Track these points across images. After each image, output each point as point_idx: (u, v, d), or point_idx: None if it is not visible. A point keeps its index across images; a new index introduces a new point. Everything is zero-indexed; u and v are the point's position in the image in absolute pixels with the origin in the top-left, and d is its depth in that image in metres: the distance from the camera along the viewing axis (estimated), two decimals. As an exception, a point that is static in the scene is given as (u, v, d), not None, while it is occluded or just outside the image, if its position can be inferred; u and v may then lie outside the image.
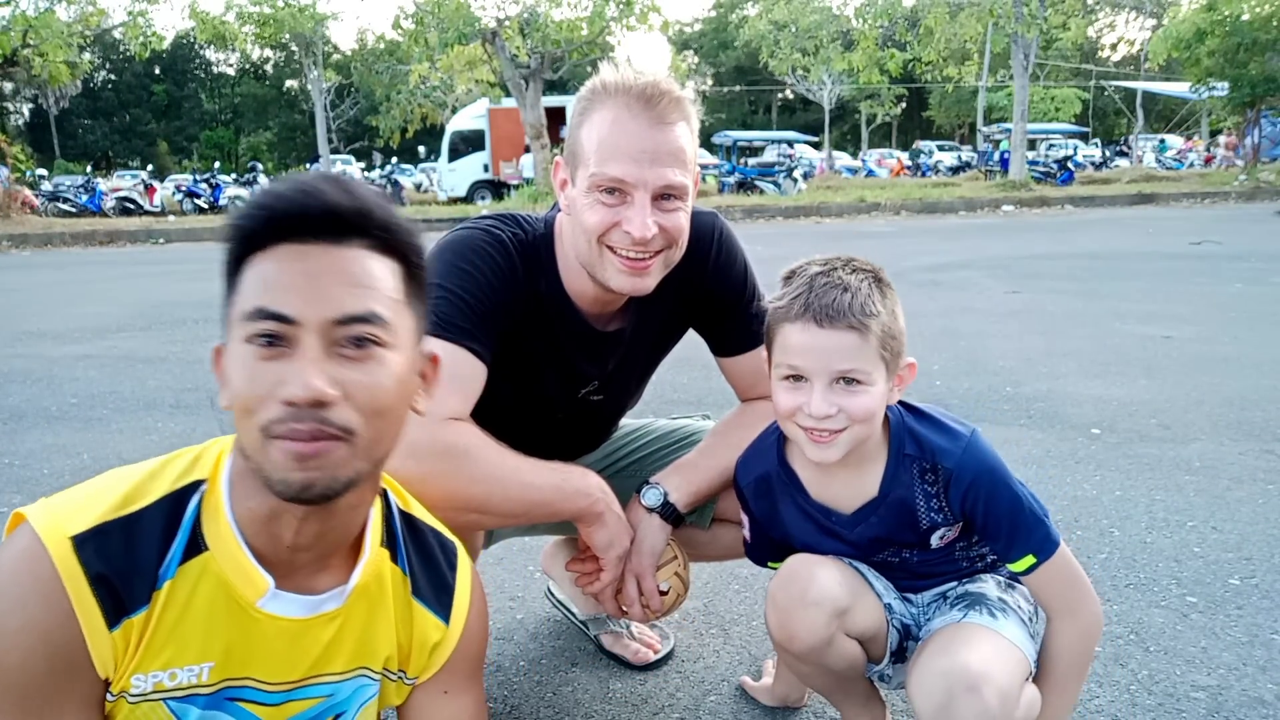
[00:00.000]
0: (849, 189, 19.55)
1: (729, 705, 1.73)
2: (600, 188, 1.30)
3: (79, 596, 0.84)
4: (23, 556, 0.84)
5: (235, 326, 0.85)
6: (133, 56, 24.22)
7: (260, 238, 0.85)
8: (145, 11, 18.65)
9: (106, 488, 0.91)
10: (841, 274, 1.20)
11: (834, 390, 1.19)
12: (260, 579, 0.91)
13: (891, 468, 1.28)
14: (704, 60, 60.63)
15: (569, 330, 1.48)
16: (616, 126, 1.28)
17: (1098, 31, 46.21)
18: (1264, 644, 1.90)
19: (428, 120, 27.22)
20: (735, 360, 1.60)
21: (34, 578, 0.84)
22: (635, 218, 1.29)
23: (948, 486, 1.25)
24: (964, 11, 21.31)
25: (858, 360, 1.18)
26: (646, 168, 1.28)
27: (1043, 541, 1.26)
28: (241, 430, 0.86)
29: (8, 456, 3.39)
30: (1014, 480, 1.27)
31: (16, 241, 13.14)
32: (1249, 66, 18.30)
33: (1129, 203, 15.96)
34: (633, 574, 1.46)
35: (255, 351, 0.83)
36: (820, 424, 1.19)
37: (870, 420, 1.21)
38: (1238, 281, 6.90)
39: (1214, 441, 3.21)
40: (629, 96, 1.28)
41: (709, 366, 1.64)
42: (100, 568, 0.85)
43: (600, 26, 17.34)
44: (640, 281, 1.36)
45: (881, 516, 1.30)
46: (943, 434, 1.27)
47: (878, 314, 1.18)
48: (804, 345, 1.19)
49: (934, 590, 1.41)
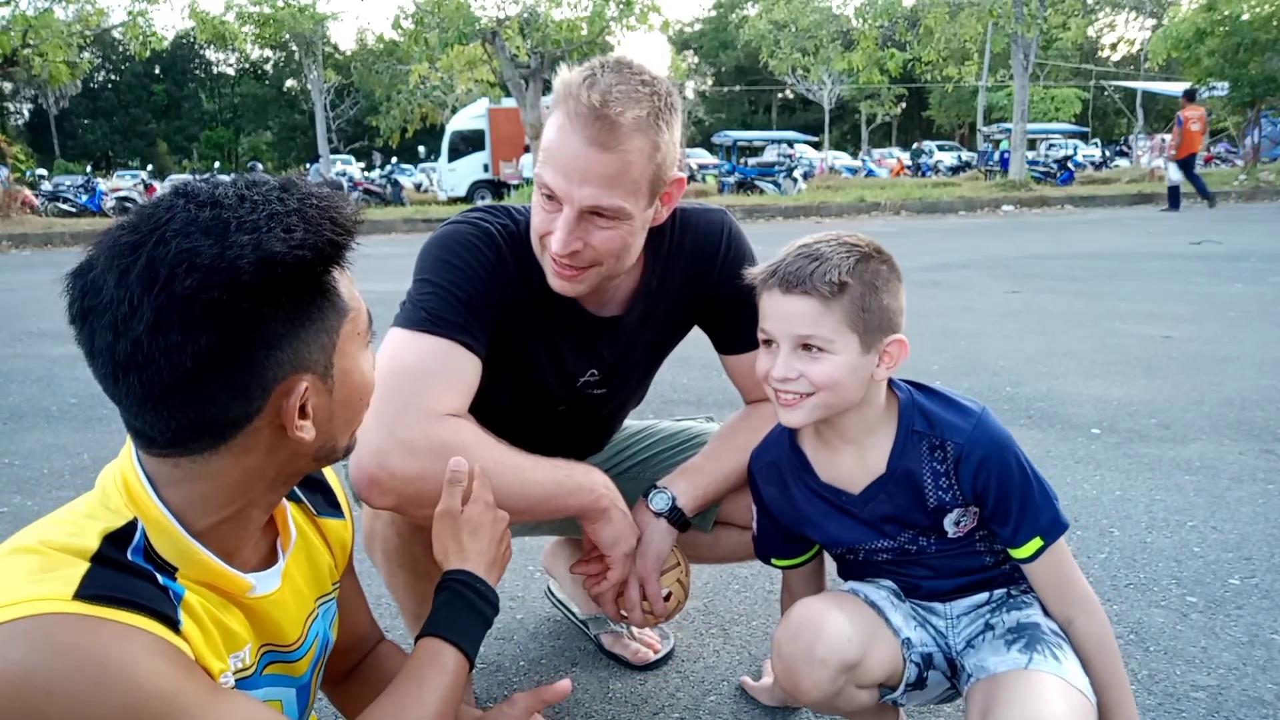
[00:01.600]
0: (849, 189, 19.55)
1: (729, 705, 1.73)
2: (541, 189, 1.31)
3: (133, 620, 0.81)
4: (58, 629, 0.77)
5: (357, 339, 0.93)
6: (133, 56, 24.21)
7: (342, 256, 0.89)
8: (145, 11, 18.63)
9: (44, 560, 0.82)
10: (822, 246, 1.21)
11: (796, 355, 1.21)
12: (242, 581, 0.95)
13: (899, 443, 1.27)
14: (704, 60, 60.65)
15: (563, 317, 1.47)
16: (559, 135, 1.26)
17: (1098, 31, 46.23)
18: (1264, 644, 1.90)
19: (428, 120, 27.21)
20: (740, 359, 1.59)
21: (91, 631, 0.78)
22: (557, 232, 1.29)
23: (958, 464, 1.24)
24: (964, 11, 21.29)
25: (818, 327, 1.19)
26: (575, 185, 1.25)
27: (1051, 524, 1.25)
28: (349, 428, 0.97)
29: (8, 456, 3.39)
30: (1025, 459, 1.25)
31: (16, 241, 13.14)
32: (1249, 66, 18.29)
33: (1129, 203, 15.96)
34: (637, 577, 1.46)
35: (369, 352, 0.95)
36: (784, 386, 1.22)
37: (835, 388, 1.21)
38: (1238, 281, 6.90)
39: (1214, 441, 3.21)
40: (578, 107, 1.23)
41: (709, 366, 1.65)
42: (120, 598, 0.82)
43: (600, 26, 17.33)
44: (571, 287, 1.36)
45: (890, 494, 1.29)
46: (953, 411, 1.27)
47: (845, 284, 1.18)
48: (769, 310, 1.23)
49: (966, 602, 1.36)
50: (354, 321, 0.92)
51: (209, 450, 0.87)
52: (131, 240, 0.81)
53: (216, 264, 0.78)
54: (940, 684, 1.35)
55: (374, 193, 22.65)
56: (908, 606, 1.37)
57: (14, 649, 0.75)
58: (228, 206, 0.82)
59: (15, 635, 0.76)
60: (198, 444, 0.86)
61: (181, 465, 0.88)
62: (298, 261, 0.82)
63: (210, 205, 0.82)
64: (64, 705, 0.76)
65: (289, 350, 0.85)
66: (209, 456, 0.87)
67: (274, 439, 0.88)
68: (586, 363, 1.53)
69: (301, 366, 0.86)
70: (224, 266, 0.78)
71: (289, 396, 0.86)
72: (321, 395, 0.90)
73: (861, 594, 1.34)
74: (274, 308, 0.83)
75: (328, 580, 1.12)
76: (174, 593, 0.87)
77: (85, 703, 0.76)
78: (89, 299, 0.81)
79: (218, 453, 0.87)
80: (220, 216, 0.81)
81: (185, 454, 0.87)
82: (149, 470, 0.89)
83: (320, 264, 0.86)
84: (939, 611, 1.37)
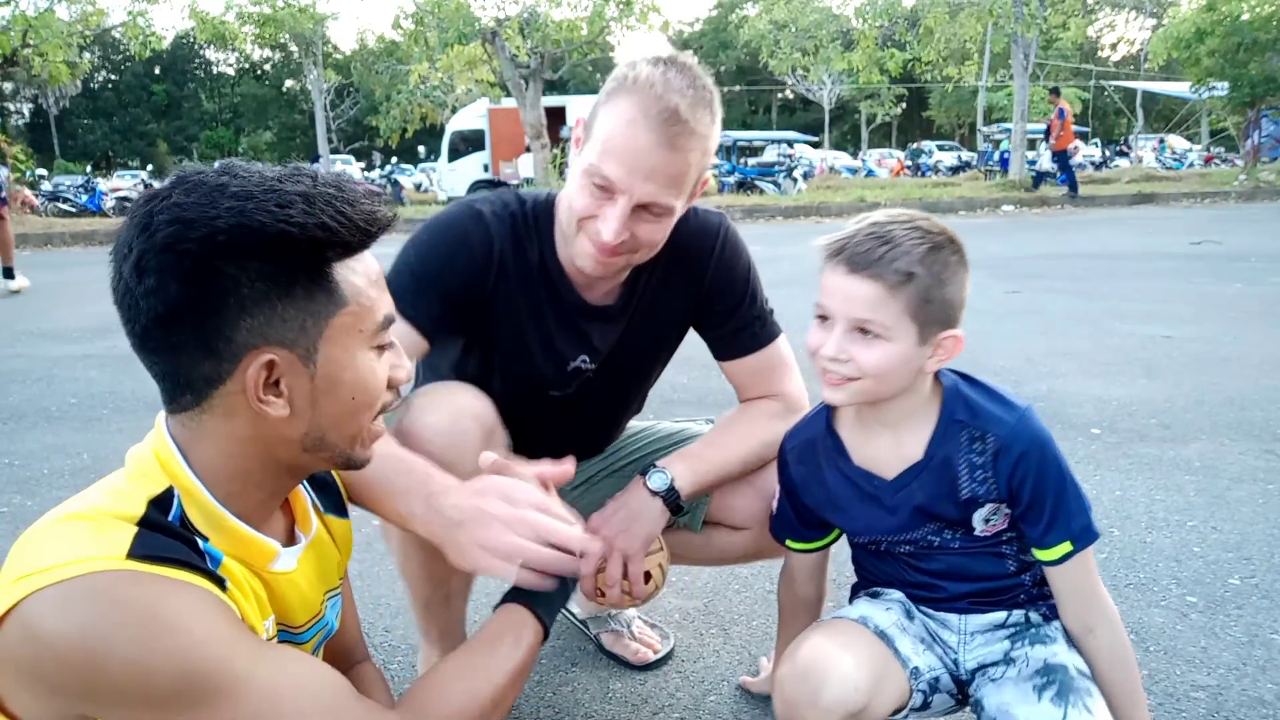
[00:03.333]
0: (849, 189, 19.53)
1: (729, 705, 1.73)
2: (593, 176, 1.31)
3: (183, 576, 0.85)
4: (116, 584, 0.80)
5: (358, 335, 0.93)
6: (133, 56, 24.21)
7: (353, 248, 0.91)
8: (145, 11, 18.63)
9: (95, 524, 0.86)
10: (895, 229, 1.17)
11: (850, 337, 1.18)
12: (269, 547, 0.97)
13: (939, 432, 1.25)
14: (704, 60, 59.30)
15: (555, 299, 1.48)
16: (628, 130, 1.28)
17: (1098, 31, 46.24)
18: (1264, 644, 1.90)
19: (428, 120, 27.21)
20: (737, 364, 1.59)
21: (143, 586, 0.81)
22: (610, 221, 1.30)
23: (997, 456, 1.21)
24: (964, 11, 21.29)
25: (877, 313, 1.15)
26: (638, 180, 1.28)
27: (1082, 530, 1.22)
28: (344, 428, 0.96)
29: (8, 456, 3.39)
30: (1064, 462, 1.23)
31: (16, 241, 13.13)
32: (1249, 66, 18.28)
33: (1129, 203, 15.94)
34: (622, 554, 1.43)
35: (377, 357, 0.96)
36: (831, 365, 1.19)
37: (882, 377, 1.18)
38: (1238, 281, 6.89)
39: (1214, 441, 3.21)
40: (652, 106, 1.26)
41: (709, 366, 1.64)
42: (170, 558, 0.85)
43: (600, 26, 17.33)
44: (600, 270, 1.40)
45: (923, 482, 1.26)
46: (997, 403, 1.24)
47: (914, 274, 1.14)
48: (831, 287, 1.19)
49: (982, 619, 1.31)
50: (355, 316, 0.91)
51: (195, 408, 0.91)
52: (153, 192, 0.87)
53: (197, 220, 0.83)
54: (945, 703, 1.31)
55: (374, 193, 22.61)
56: (918, 625, 1.32)
57: (73, 606, 0.78)
58: (239, 178, 0.86)
59: (73, 593, 0.79)
60: (182, 398, 0.91)
61: (185, 425, 0.92)
62: (280, 235, 0.84)
63: (228, 174, 0.86)
64: (122, 658, 0.78)
65: (261, 320, 0.86)
66: (199, 416, 0.91)
67: (251, 410, 0.90)
68: (577, 348, 1.53)
69: (274, 340, 0.87)
70: (202, 223, 0.83)
71: (254, 366, 0.88)
72: (300, 377, 0.90)
73: (871, 624, 1.28)
74: (248, 274, 0.85)
75: (334, 576, 1.14)
76: (212, 557, 0.90)
77: (141, 655, 0.79)
78: (115, 241, 0.88)
79: (204, 412, 0.90)
80: (225, 184, 0.85)
81: (180, 409, 0.92)
82: (174, 436, 0.93)
83: (311, 246, 0.86)
84: (952, 625, 1.32)
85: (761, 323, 1.59)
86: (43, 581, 0.79)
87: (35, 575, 0.79)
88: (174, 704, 0.81)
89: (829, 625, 1.29)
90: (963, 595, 1.31)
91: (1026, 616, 1.31)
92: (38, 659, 0.78)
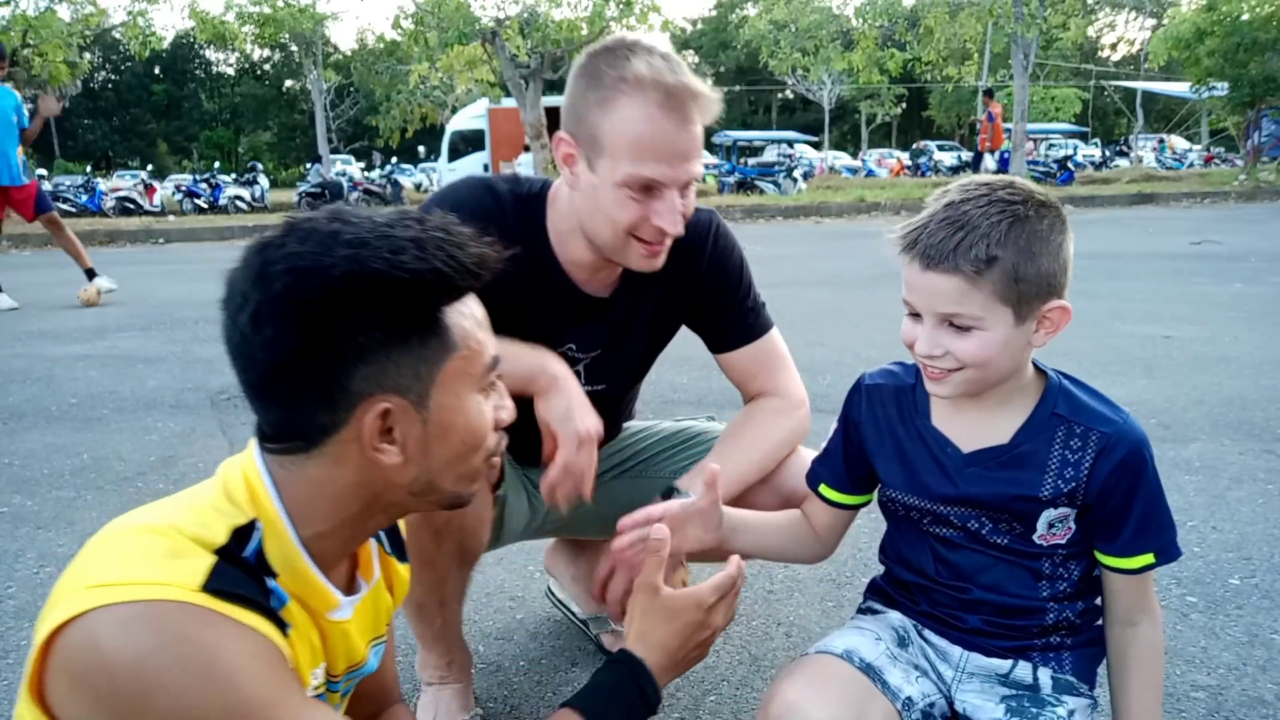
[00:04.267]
0: (849, 189, 19.53)
1: (729, 705, 1.73)
2: (634, 186, 1.32)
3: (249, 620, 0.84)
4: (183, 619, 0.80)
5: (468, 380, 0.92)
6: (133, 56, 24.22)
7: (462, 292, 0.90)
8: (145, 11, 18.69)
9: (174, 543, 0.85)
10: (970, 210, 1.07)
11: (942, 330, 1.10)
12: (333, 596, 0.96)
13: (1034, 421, 1.18)
14: (704, 60, 60.59)
15: (551, 286, 1.49)
16: (651, 127, 1.29)
17: (1098, 31, 46.27)
18: (1264, 644, 1.90)
19: (428, 120, 27.20)
20: (733, 355, 1.60)
21: (212, 626, 0.81)
22: (667, 214, 1.34)
23: (1099, 454, 1.14)
24: (964, 11, 21.31)
25: (963, 305, 1.08)
26: (679, 167, 1.32)
27: (1168, 545, 1.16)
28: (453, 471, 0.94)
29: (8, 456, 3.39)
30: (1158, 474, 1.17)
31: (16, 241, 13.12)
32: (1249, 66, 18.29)
33: (1129, 203, 15.95)
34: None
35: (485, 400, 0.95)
36: (930, 362, 1.13)
37: (985, 365, 1.11)
38: (1238, 281, 6.90)
39: (1214, 441, 3.21)
40: (661, 94, 1.28)
41: (709, 366, 1.65)
42: (241, 596, 0.84)
43: (600, 26, 17.33)
44: (657, 262, 1.42)
45: (1001, 464, 1.18)
46: (1103, 404, 1.18)
47: (995, 258, 1.05)
48: (910, 283, 1.12)
49: (983, 662, 1.23)
50: (466, 360, 0.90)
51: (303, 454, 0.89)
52: (266, 240, 0.86)
53: (313, 269, 0.82)
54: None
55: (374, 193, 22.63)
56: (913, 652, 1.25)
57: (137, 632, 0.78)
58: (352, 224, 0.85)
59: (141, 617, 0.79)
60: (291, 443, 0.89)
61: (285, 466, 0.91)
62: (395, 282, 0.83)
63: (339, 220, 0.85)
64: (172, 694, 0.78)
65: (377, 368, 0.86)
66: (304, 461, 0.90)
67: (363, 458, 0.89)
68: (567, 334, 1.53)
69: (389, 388, 0.87)
70: (318, 272, 0.82)
71: (370, 414, 0.87)
72: (413, 424, 0.89)
73: (855, 659, 1.19)
74: (364, 322, 0.84)
75: (384, 623, 1.13)
76: (279, 597, 0.89)
77: (191, 697, 0.79)
78: (226, 289, 0.87)
79: (311, 458, 0.89)
80: (338, 230, 0.84)
81: (285, 453, 0.90)
82: (270, 469, 0.91)
83: (424, 292, 0.86)
84: (951, 660, 1.24)
85: (755, 314, 1.61)
86: (113, 598, 0.79)
87: (107, 588, 0.79)
88: None
89: (805, 669, 1.19)
90: (979, 605, 1.23)
91: (1035, 676, 1.22)
92: (92, 673, 0.78)
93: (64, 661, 0.80)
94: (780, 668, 1.85)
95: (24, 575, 2.39)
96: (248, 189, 21.88)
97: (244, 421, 3.76)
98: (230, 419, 3.81)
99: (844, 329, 5.49)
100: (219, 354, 0.91)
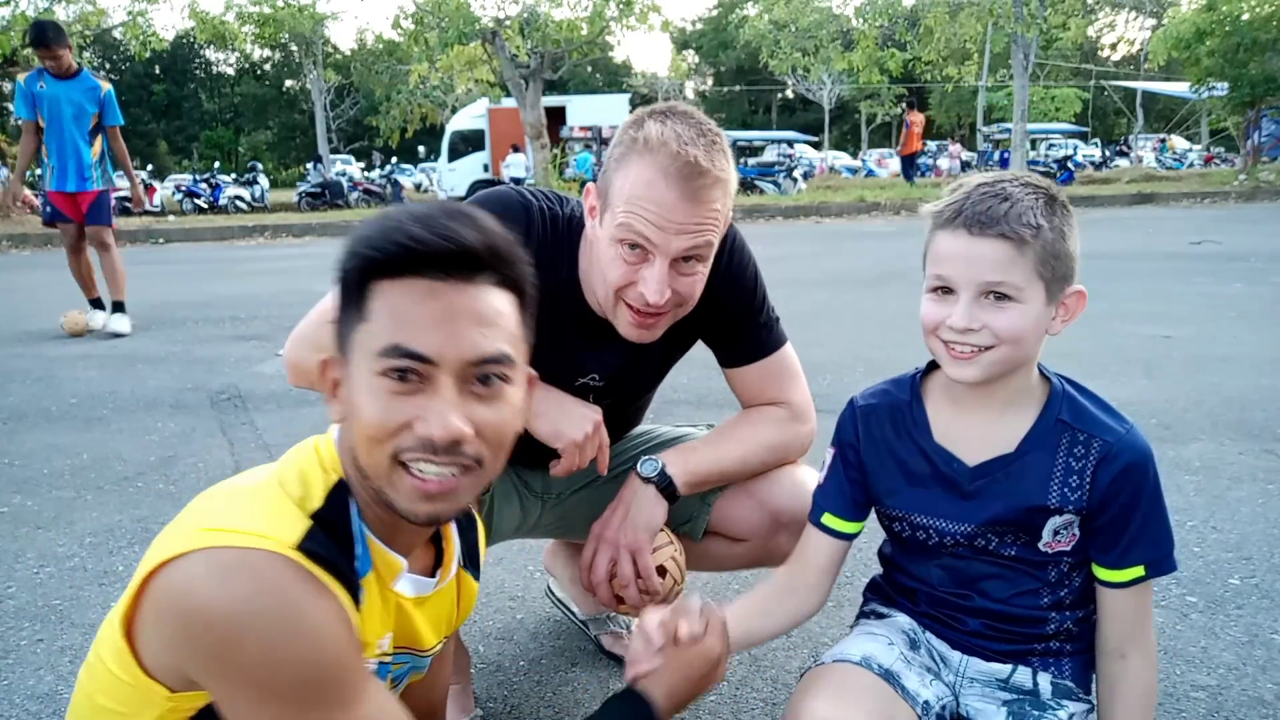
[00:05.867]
0: (849, 189, 19.54)
1: (729, 705, 1.73)
2: (624, 242, 1.29)
3: (333, 586, 0.88)
4: (279, 571, 0.84)
5: (365, 356, 0.89)
6: (133, 56, 24.20)
7: (392, 268, 0.89)
8: (145, 11, 18.66)
9: (277, 503, 0.91)
10: (1007, 186, 1.11)
11: (980, 304, 1.10)
12: (397, 562, 0.99)
13: (1040, 428, 1.17)
14: (704, 60, 60.66)
15: (575, 314, 1.46)
16: (651, 191, 1.26)
17: (1098, 31, 46.22)
18: (1264, 644, 1.90)
19: (428, 120, 27.24)
20: (742, 371, 1.58)
21: (302, 581, 0.85)
22: (651, 282, 1.29)
23: (1100, 463, 1.14)
24: (964, 11, 21.29)
25: (1009, 273, 1.08)
26: (672, 236, 1.27)
27: (1161, 559, 1.16)
28: (367, 454, 0.90)
29: (8, 456, 3.39)
30: (1161, 486, 1.17)
31: (16, 241, 13.13)
32: (1249, 66, 18.29)
33: (1129, 203, 15.95)
34: (627, 549, 1.42)
35: (389, 385, 0.88)
36: (962, 338, 1.11)
37: (1019, 342, 1.11)
38: (1238, 281, 6.90)
39: (1214, 441, 3.21)
40: (671, 163, 1.24)
41: (709, 366, 1.64)
42: (329, 562, 0.88)
43: (600, 26, 17.34)
44: (649, 334, 1.38)
45: (1008, 474, 1.17)
46: (1106, 412, 1.18)
47: (1038, 227, 1.08)
48: (953, 253, 1.11)
49: (983, 667, 1.23)
50: (368, 334, 0.89)
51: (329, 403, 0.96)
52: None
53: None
54: None
55: (374, 193, 22.65)
56: (923, 655, 1.25)
57: (235, 576, 0.82)
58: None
59: (240, 562, 0.82)
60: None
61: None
62: (347, 254, 0.91)
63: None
64: (259, 641, 0.81)
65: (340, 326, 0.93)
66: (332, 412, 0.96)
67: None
68: (588, 365, 1.52)
69: (339, 346, 0.93)
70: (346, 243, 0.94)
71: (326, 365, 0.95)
72: (344, 384, 0.93)
73: (875, 665, 1.19)
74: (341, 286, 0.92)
75: (444, 629, 1.13)
76: (364, 563, 0.94)
77: (278, 646, 0.82)
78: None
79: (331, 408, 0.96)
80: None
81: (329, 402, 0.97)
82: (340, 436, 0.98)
83: (358, 264, 0.90)
84: (951, 665, 1.25)
85: (768, 330, 1.57)
86: (215, 541, 0.83)
87: (212, 533, 0.83)
88: (286, 699, 0.83)
89: (827, 680, 1.19)
90: (981, 613, 1.23)
91: (1034, 680, 1.22)
92: (185, 612, 0.81)
93: (160, 596, 0.83)
94: (781, 668, 1.85)
95: (24, 575, 2.39)
96: (248, 189, 21.91)
97: (244, 421, 3.77)
98: (230, 419, 3.81)
99: (844, 329, 5.48)
100: (219, 354, 0.92)
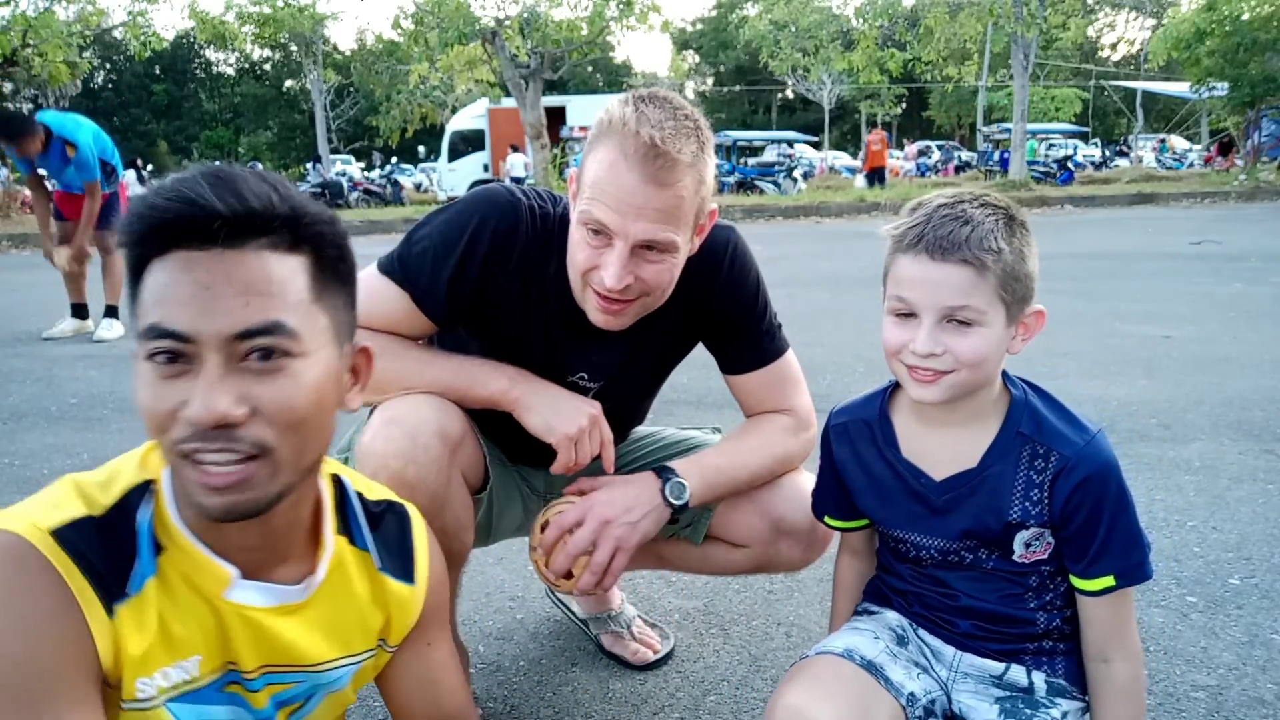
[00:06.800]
0: (849, 189, 19.56)
1: (729, 705, 1.73)
2: (587, 225, 1.28)
3: (74, 581, 0.82)
4: (7, 552, 0.80)
5: (138, 341, 0.81)
6: (133, 56, 24.21)
7: (153, 245, 0.81)
8: (145, 11, 18.65)
9: (63, 494, 0.87)
10: (967, 208, 1.10)
11: (942, 328, 1.10)
12: (222, 571, 0.90)
13: (1001, 442, 1.17)
14: (704, 60, 60.64)
15: (565, 312, 1.44)
16: (611, 172, 1.24)
17: (1098, 31, 46.25)
18: (1264, 644, 1.90)
19: (428, 120, 27.23)
20: (744, 378, 1.57)
21: (25, 568, 0.80)
22: (610, 267, 1.27)
23: (1056, 478, 1.13)
24: (964, 11, 21.33)
25: (971, 298, 1.08)
26: (630, 220, 1.25)
27: (1132, 569, 1.13)
28: (160, 450, 0.85)
29: (8, 456, 3.39)
30: (1129, 496, 1.15)
31: (16, 241, 13.14)
32: (1249, 66, 18.31)
33: (1129, 203, 15.95)
34: (615, 545, 1.41)
35: (156, 369, 0.80)
36: (925, 362, 1.11)
37: (980, 365, 1.11)
38: (1238, 281, 6.90)
39: (1214, 441, 3.21)
40: (632, 144, 1.23)
41: (709, 366, 1.64)
42: (84, 556, 0.83)
43: (600, 26, 17.35)
44: (615, 320, 1.36)
45: (973, 489, 1.18)
46: (1067, 423, 1.16)
47: (999, 251, 1.08)
48: (914, 278, 1.11)
49: (976, 662, 1.23)
50: (139, 318, 0.82)
51: None
52: None
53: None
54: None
55: (374, 193, 22.64)
56: (912, 650, 1.25)
57: None
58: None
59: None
60: None
61: None
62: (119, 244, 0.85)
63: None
64: None
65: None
66: None
67: None
68: (578, 364, 1.51)
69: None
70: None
71: None
72: None
73: (856, 657, 1.20)
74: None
75: (361, 641, 1.04)
76: (139, 575, 0.86)
77: None
78: None
79: None
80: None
81: None
82: None
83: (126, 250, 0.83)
84: (944, 659, 1.25)
85: (770, 337, 1.56)
86: None
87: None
88: None
89: (806, 671, 1.20)
90: (969, 614, 1.23)
91: (1029, 678, 1.22)
92: None
93: None
94: (780, 668, 1.85)
95: (24, 575, 2.38)
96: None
97: (244, 421, 3.76)
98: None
99: (844, 329, 5.48)
100: (219, 354, 0.91)
